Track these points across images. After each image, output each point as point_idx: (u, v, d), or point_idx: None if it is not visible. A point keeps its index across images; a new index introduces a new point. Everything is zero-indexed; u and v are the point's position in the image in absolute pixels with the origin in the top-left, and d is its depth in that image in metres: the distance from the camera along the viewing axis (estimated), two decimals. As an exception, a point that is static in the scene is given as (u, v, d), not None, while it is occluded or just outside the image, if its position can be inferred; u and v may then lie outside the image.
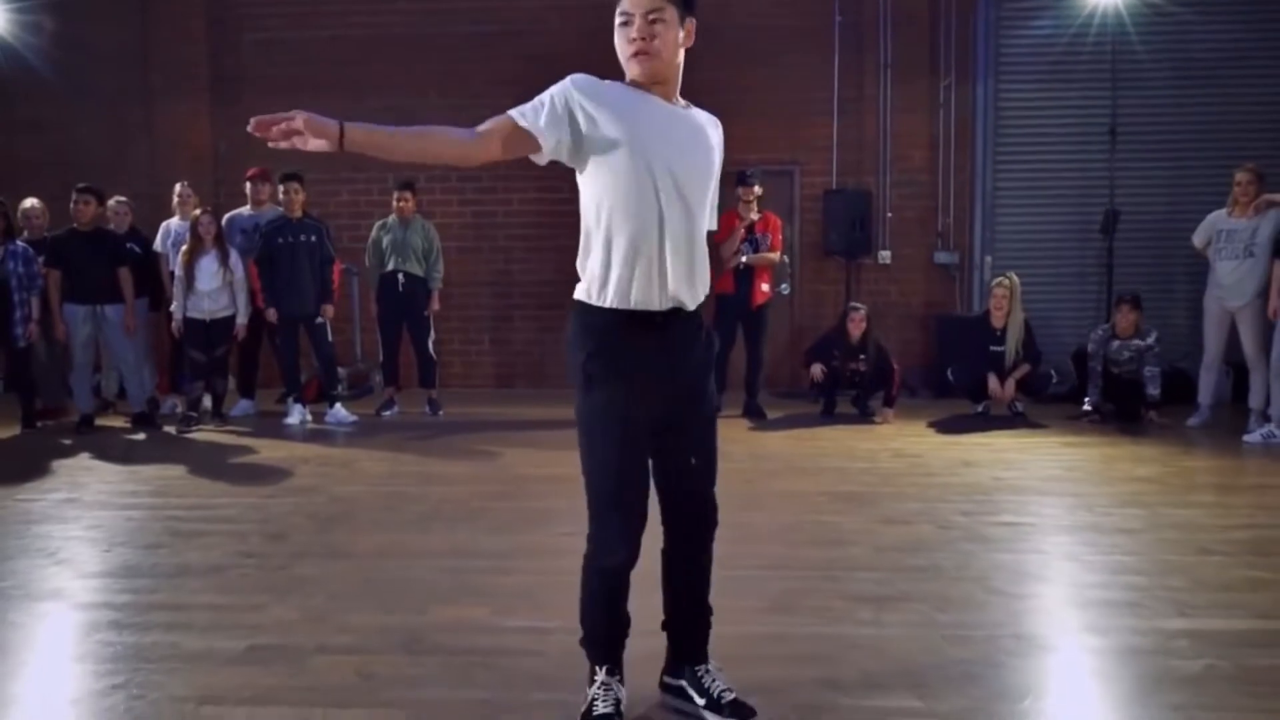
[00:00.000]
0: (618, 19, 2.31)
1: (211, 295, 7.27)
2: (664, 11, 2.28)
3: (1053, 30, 8.76)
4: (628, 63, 2.32)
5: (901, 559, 3.87)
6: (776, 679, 2.71)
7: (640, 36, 2.27)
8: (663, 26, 2.28)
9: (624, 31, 2.31)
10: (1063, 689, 2.72)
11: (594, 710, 2.44)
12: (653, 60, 2.28)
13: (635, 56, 2.29)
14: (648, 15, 2.27)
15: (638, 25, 2.28)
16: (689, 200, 2.33)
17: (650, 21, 2.27)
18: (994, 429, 7.00)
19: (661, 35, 2.28)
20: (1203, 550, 3.97)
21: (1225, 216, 6.86)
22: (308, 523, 4.53)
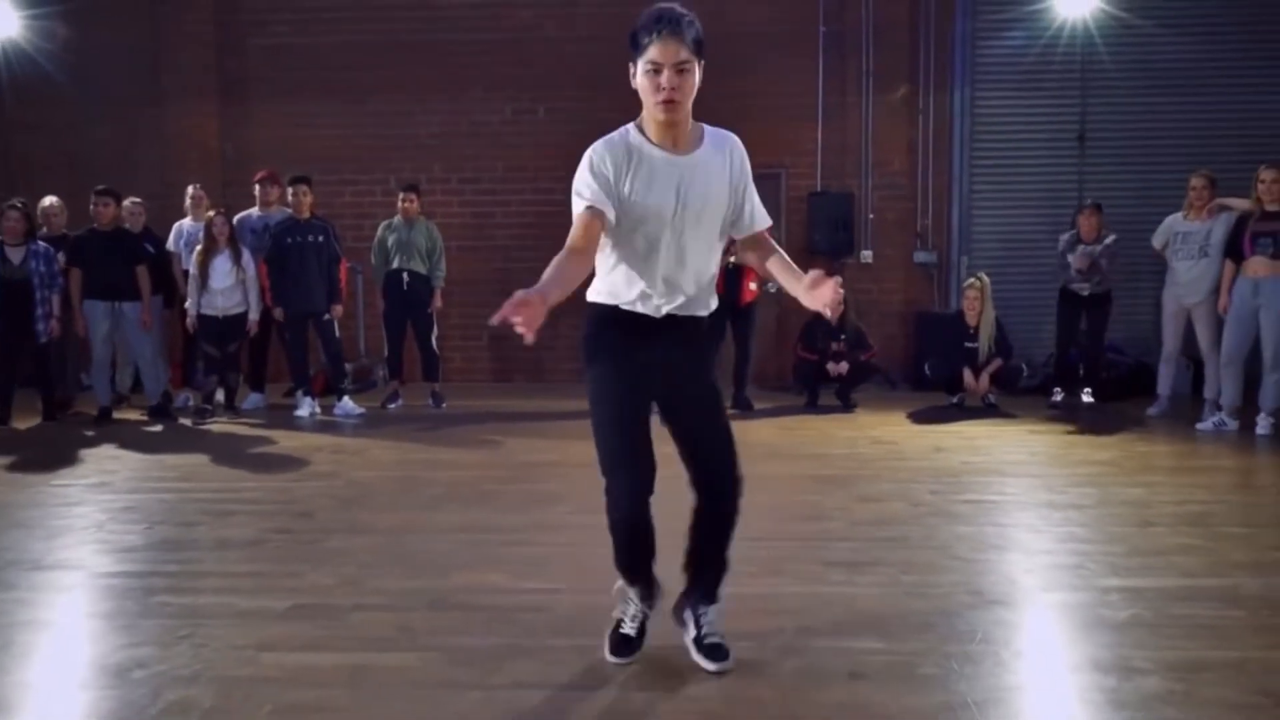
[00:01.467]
0: (644, 65, 2.53)
1: (225, 293, 7.64)
2: (690, 62, 2.53)
3: (1025, 41, 9.20)
4: (654, 108, 2.55)
5: (874, 531, 4.29)
6: (762, 628, 3.12)
7: (670, 87, 2.51)
8: (689, 76, 2.54)
9: (652, 79, 2.52)
10: (1008, 634, 3.13)
11: (620, 629, 2.92)
12: (679, 109, 2.55)
13: (664, 105, 2.52)
14: (677, 67, 2.51)
15: (667, 76, 2.51)
16: (687, 239, 2.64)
17: (679, 72, 2.52)
18: (967, 419, 7.43)
19: (687, 84, 2.54)
20: (1145, 522, 4.40)
21: (1182, 219, 7.30)
22: (331, 503, 4.92)
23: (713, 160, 2.68)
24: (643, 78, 2.55)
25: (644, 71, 2.54)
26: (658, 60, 2.51)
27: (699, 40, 2.55)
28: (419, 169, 9.70)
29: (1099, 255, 7.69)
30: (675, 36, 2.51)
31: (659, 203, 2.60)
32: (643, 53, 2.54)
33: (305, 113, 9.75)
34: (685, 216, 2.63)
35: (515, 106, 9.74)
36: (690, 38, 2.53)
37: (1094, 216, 7.78)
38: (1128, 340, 8.93)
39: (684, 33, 2.52)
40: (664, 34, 2.51)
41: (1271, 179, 6.50)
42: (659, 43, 2.51)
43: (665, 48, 2.51)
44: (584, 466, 5.59)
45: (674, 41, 2.51)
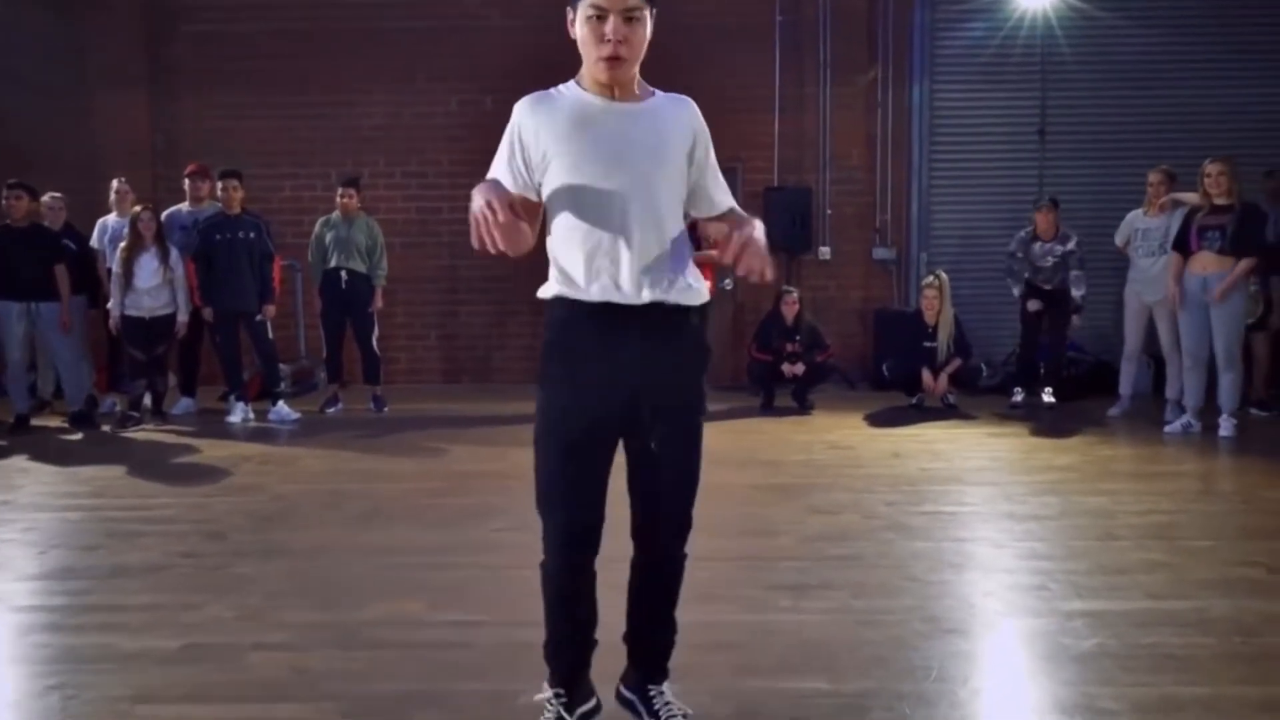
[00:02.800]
0: (585, 10, 2.12)
1: (151, 293, 7.24)
2: (641, 9, 2.13)
3: (984, 33, 9.00)
4: (596, 64, 2.15)
5: (825, 548, 4.03)
6: (695, 665, 2.83)
7: (616, 39, 2.11)
8: (639, 26, 2.14)
9: (594, 27, 2.12)
10: (965, 669, 2.88)
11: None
12: (626, 65, 2.15)
13: (609, 61, 2.13)
14: (625, 14, 2.12)
15: (613, 25, 2.11)
16: (645, 200, 2.19)
17: (627, 20, 2.12)
18: (926, 420, 7.22)
19: (637, 35, 2.14)
20: (1109, 535, 4.18)
21: (1142, 215, 7.13)
22: (247, 522, 4.58)
23: (666, 110, 2.27)
24: (583, 26, 2.14)
25: (585, 18, 2.13)
26: (602, 5, 2.11)
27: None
28: (361, 162, 9.33)
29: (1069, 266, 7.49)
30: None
31: (603, 151, 2.17)
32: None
33: (240, 103, 9.34)
34: (636, 163, 2.19)
35: (461, 98, 9.38)
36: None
37: (1051, 214, 7.59)
38: (1088, 338, 8.77)
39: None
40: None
41: (1217, 172, 6.32)
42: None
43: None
44: (523, 479, 5.33)
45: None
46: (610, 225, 2.18)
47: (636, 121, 2.22)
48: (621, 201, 2.18)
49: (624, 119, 2.21)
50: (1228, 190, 6.31)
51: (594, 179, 2.18)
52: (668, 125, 2.26)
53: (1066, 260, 7.53)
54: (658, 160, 2.23)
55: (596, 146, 2.18)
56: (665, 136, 2.25)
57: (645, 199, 2.20)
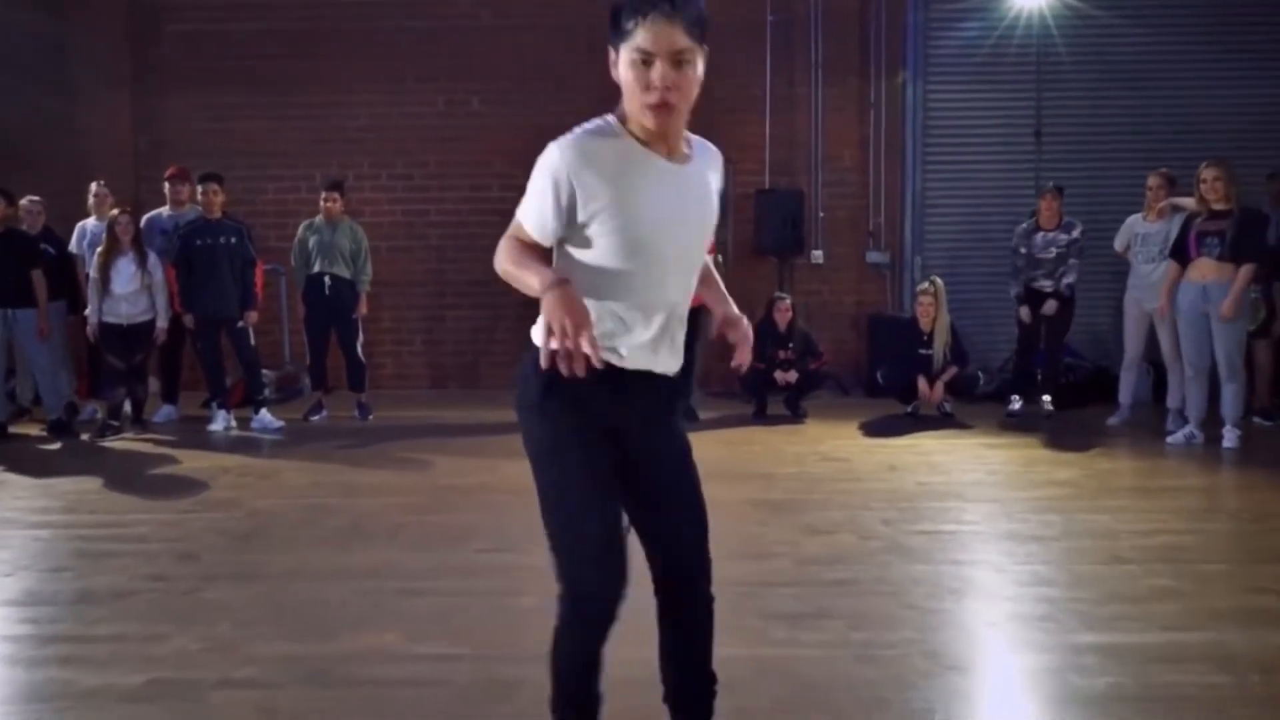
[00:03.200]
0: (629, 54, 1.92)
1: (129, 299, 7.06)
2: (692, 52, 1.92)
3: (979, 32, 8.86)
4: (643, 111, 1.94)
5: (821, 573, 3.88)
6: (686, 707, 2.69)
7: (666, 85, 1.90)
8: (689, 69, 1.93)
9: (639, 73, 1.91)
10: (969, 712, 2.74)
11: None
12: (675, 114, 1.95)
13: (655, 110, 1.92)
14: (674, 57, 1.90)
15: (661, 71, 1.90)
16: (671, 269, 2.05)
17: (676, 65, 1.90)
18: (922, 430, 7.08)
19: (687, 80, 1.93)
20: (1115, 558, 4.04)
21: (1142, 220, 7.00)
22: (220, 541, 4.42)
23: (704, 169, 2.13)
24: (627, 70, 1.93)
25: (629, 61, 1.93)
26: (648, 48, 1.89)
27: (702, 20, 1.93)
28: (347, 164, 9.15)
29: (1070, 255, 7.32)
30: (671, 17, 1.89)
31: (654, 218, 1.99)
32: (627, 38, 1.92)
33: (225, 104, 9.14)
34: (680, 238, 2.05)
35: (448, 98, 9.21)
36: (691, 17, 1.91)
37: (1055, 201, 7.39)
38: (1086, 344, 8.64)
39: (684, 10, 1.90)
40: (657, 13, 1.89)
41: (1213, 177, 6.19)
42: (650, 25, 1.89)
43: (658, 32, 1.89)
44: (508, 493, 5.20)
45: (670, 23, 1.89)
46: (634, 297, 2.03)
47: (689, 187, 2.06)
48: (659, 273, 2.04)
49: (679, 183, 2.04)
50: (1225, 195, 6.18)
51: (639, 246, 2.01)
52: (709, 190, 2.13)
53: (1070, 250, 7.33)
54: (702, 232, 2.13)
55: (653, 211, 2.00)
56: (709, 205, 2.13)
57: (680, 272, 2.09)
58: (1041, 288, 7.43)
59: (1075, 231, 7.36)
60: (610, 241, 2.00)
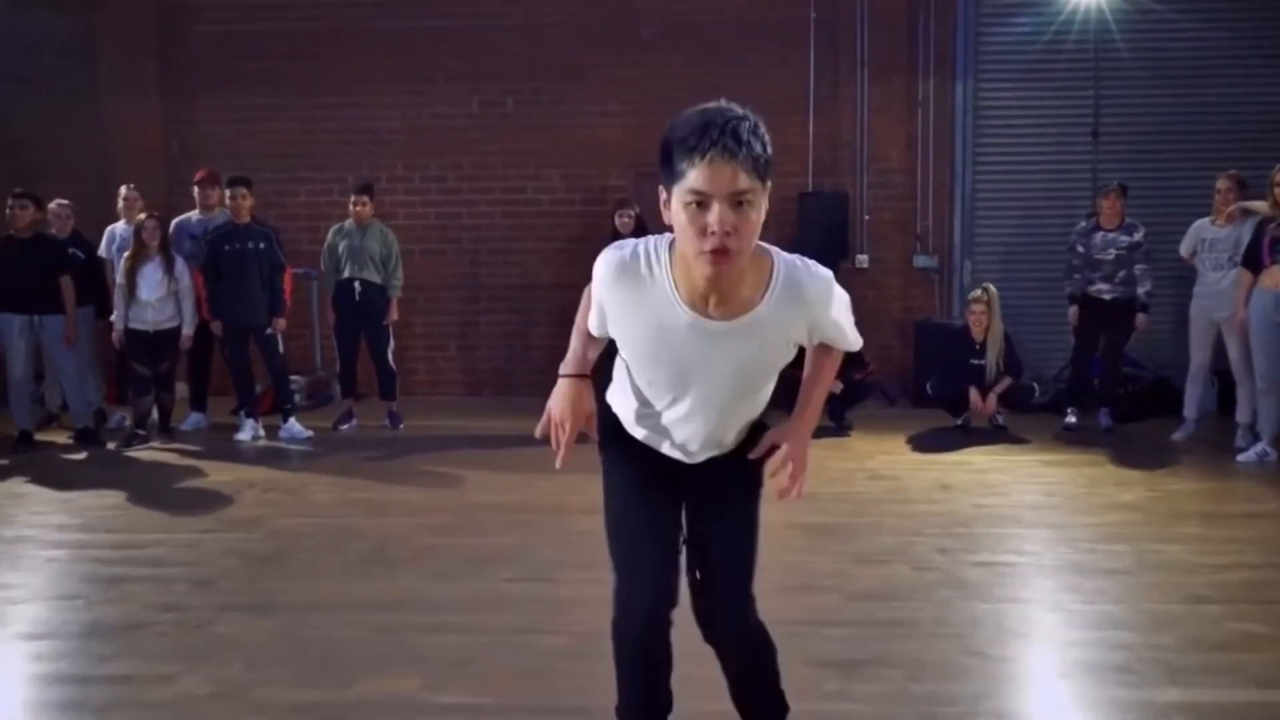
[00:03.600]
0: (682, 195, 1.73)
1: (155, 305, 6.91)
2: (754, 193, 1.72)
3: (1033, 28, 8.48)
4: (697, 258, 1.76)
5: (874, 610, 3.60)
6: (731, 775, 2.43)
7: (724, 230, 1.70)
8: (751, 211, 1.73)
9: (695, 215, 1.72)
10: (1046, 783, 2.46)
11: None
12: (734, 260, 1.75)
13: (714, 256, 1.73)
14: (734, 198, 1.70)
15: (718, 214, 1.70)
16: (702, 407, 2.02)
17: (736, 206, 1.71)
18: (974, 444, 6.75)
19: (749, 224, 1.73)
20: (1194, 597, 3.72)
21: (1209, 225, 6.62)
22: (240, 566, 4.22)
23: (775, 318, 1.92)
24: (681, 212, 1.75)
25: (683, 204, 1.74)
26: (704, 190, 1.70)
27: (766, 159, 1.73)
28: (378, 166, 8.97)
29: (1134, 260, 6.94)
30: (731, 155, 1.68)
31: (672, 373, 1.98)
32: (680, 178, 1.73)
33: (255, 106, 9.00)
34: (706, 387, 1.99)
35: (482, 99, 8.99)
36: (754, 154, 1.71)
37: (1119, 200, 7.00)
38: (1146, 353, 8.26)
39: (745, 149, 1.69)
40: (715, 153, 1.68)
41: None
42: (707, 165, 1.69)
43: (716, 172, 1.69)
44: (540, 512, 4.97)
45: (730, 163, 1.68)
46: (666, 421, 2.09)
47: (727, 346, 1.92)
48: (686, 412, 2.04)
49: (713, 343, 1.92)
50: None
51: (662, 393, 2.04)
52: (770, 338, 1.95)
53: (1132, 254, 6.96)
54: (744, 380, 2.02)
55: (671, 372, 1.99)
56: (763, 355, 1.98)
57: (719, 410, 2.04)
58: (1099, 293, 7.07)
59: (1138, 234, 6.99)
60: (633, 368, 2.05)
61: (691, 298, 1.87)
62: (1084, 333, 7.19)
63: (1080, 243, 7.11)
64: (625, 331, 1.97)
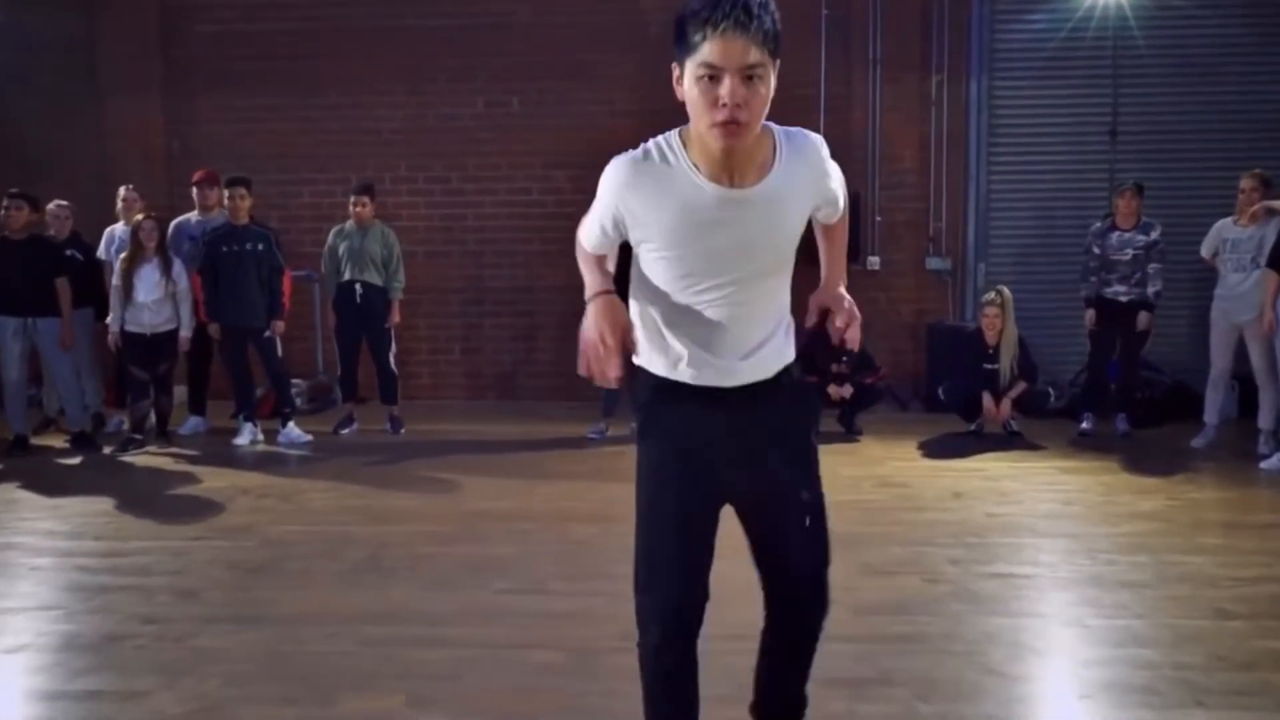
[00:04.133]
0: (695, 69, 1.80)
1: (153, 307, 6.80)
2: (765, 67, 1.80)
3: (1050, 24, 8.31)
4: (709, 131, 1.83)
5: (883, 624, 3.44)
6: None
7: (735, 103, 1.78)
8: (761, 85, 1.81)
9: (707, 89, 1.80)
10: (1066, 815, 2.30)
11: None
12: (745, 132, 1.83)
13: (724, 127, 1.80)
14: (745, 72, 1.78)
15: (730, 87, 1.78)
16: (735, 290, 2.00)
17: (747, 79, 1.78)
18: (988, 450, 6.57)
19: (759, 97, 1.81)
20: (1218, 612, 3.54)
21: (1231, 225, 6.44)
22: (228, 576, 4.09)
23: (789, 181, 1.96)
24: (693, 86, 1.81)
25: (695, 78, 1.80)
26: (716, 63, 1.77)
27: (776, 33, 1.80)
28: (382, 167, 8.86)
29: (1150, 259, 6.78)
30: (743, 28, 1.75)
31: (706, 249, 1.94)
32: (693, 51, 1.79)
33: (257, 106, 8.91)
34: (747, 263, 1.98)
35: (487, 99, 8.87)
36: (765, 28, 1.77)
37: (1135, 199, 6.84)
38: (1164, 357, 8.08)
39: (756, 22, 1.76)
40: (727, 25, 1.75)
41: None
42: (719, 38, 1.75)
43: (728, 45, 1.75)
44: (540, 521, 4.83)
45: (741, 36, 1.75)
46: (702, 326, 2.02)
47: (755, 211, 1.94)
48: (721, 295, 2.00)
49: (741, 210, 1.93)
50: None
51: (698, 282, 1.99)
52: (789, 202, 1.98)
53: (1149, 253, 6.79)
54: (773, 252, 2.01)
55: (707, 251, 1.96)
56: (786, 220, 2.00)
57: (750, 296, 2.03)
58: (1115, 295, 6.89)
59: (1154, 233, 6.81)
60: (663, 267, 1.99)
61: (713, 173, 1.90)
62: (1100, 336, 7.02)
63: (1096, 244, 6.94)
64: (654, 228, 1.94)
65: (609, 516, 4.92)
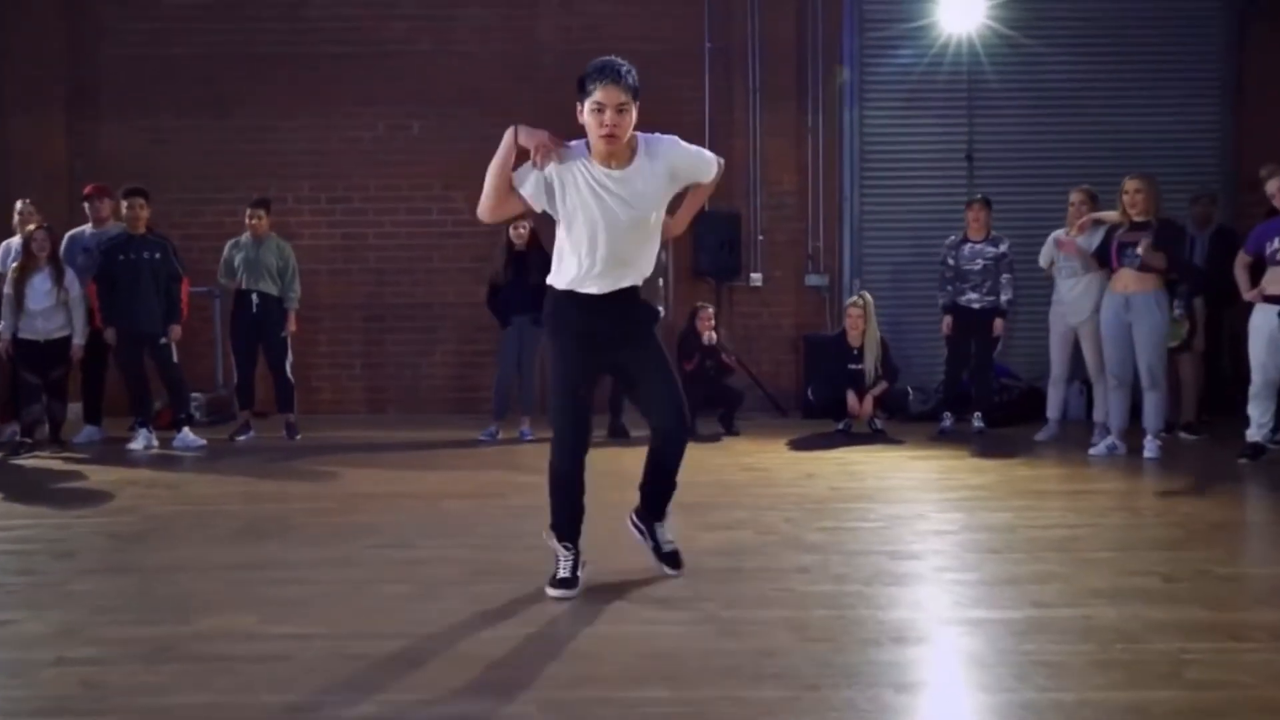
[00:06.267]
0: (589, 104, 3.09)
1: (44, 315, 6.95)
2: (629, 104, 3.09)
3: (912, 58, 8.99)
4: (597, 140, 3.13)
5: (707, 562, 3.81)
6: (530, 677, 2.61)
7: (611, 124, 3.07)
8: (627, 114, 3.10)
9: (596, 116, 3.08)
10: (829, 677, 2.68)
11: (556, 574, 3.37)
12: (617, 143, 3.13)
13: (606, 139, 3.10)
14: (618, 107, 3.07)
15: (609, 116, 3.06)
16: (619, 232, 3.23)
17: (619, 110, 3.07)
18: (852, 445, 7.05)
19: (626, 122, 3.10)
20: (1005, 548, 4.00)
21: (1064, 236, 7.07)
22: (106, 542, 4.31)
23: (646, 167, 3.21)
24: (589, 115, 3.11)
25: (590, 110, 3.10)
26: (601, 101, 3.07)
27: (636, 86, 3.12)
28: (285, 187, 9.12)
29: (1000, 270, 7.38)
30: (616, 83, 3.06)
31: (593, 206, 3.19)
32: (589, 95, 3.09)
33: (162, 127, 9.13)
34: (617, 217, 3.20)
35: (388, 122, 9.23)
36: (628, 84, 3.09)
37: (983, 211, 7.45)
38: (1021, 364, 8.69)
39: (624, 79, 3.08)
40: (607, 81, 3.06)
41: (1134, 189, 6.27)
42: (602, 88, 3.06)
43: (608, 92, 3.06)
44: (418, 498, 5.12)
45: (615, 87, 3.06)
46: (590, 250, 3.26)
47: (627, 183, 3.20)
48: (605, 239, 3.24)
49: (617, 183, 3.20)
50: (1145, 207, 6.26)
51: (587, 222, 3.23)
52: (650, 180, 3.24)
53: (998, 264, 7.39)
54: (639, 212, 3.25)
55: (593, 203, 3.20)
56: (650, 189, 3.24)
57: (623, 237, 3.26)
58: (969, 303, 7.47)
59: (1004, 245, 7.43)
60: (571, 217, 3.23)
61: (601, 161, 3.20)
62: (955, 341, 7.58)
63: (950, 255, 7.53)
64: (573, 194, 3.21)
65: (483, 494, 5.24)
